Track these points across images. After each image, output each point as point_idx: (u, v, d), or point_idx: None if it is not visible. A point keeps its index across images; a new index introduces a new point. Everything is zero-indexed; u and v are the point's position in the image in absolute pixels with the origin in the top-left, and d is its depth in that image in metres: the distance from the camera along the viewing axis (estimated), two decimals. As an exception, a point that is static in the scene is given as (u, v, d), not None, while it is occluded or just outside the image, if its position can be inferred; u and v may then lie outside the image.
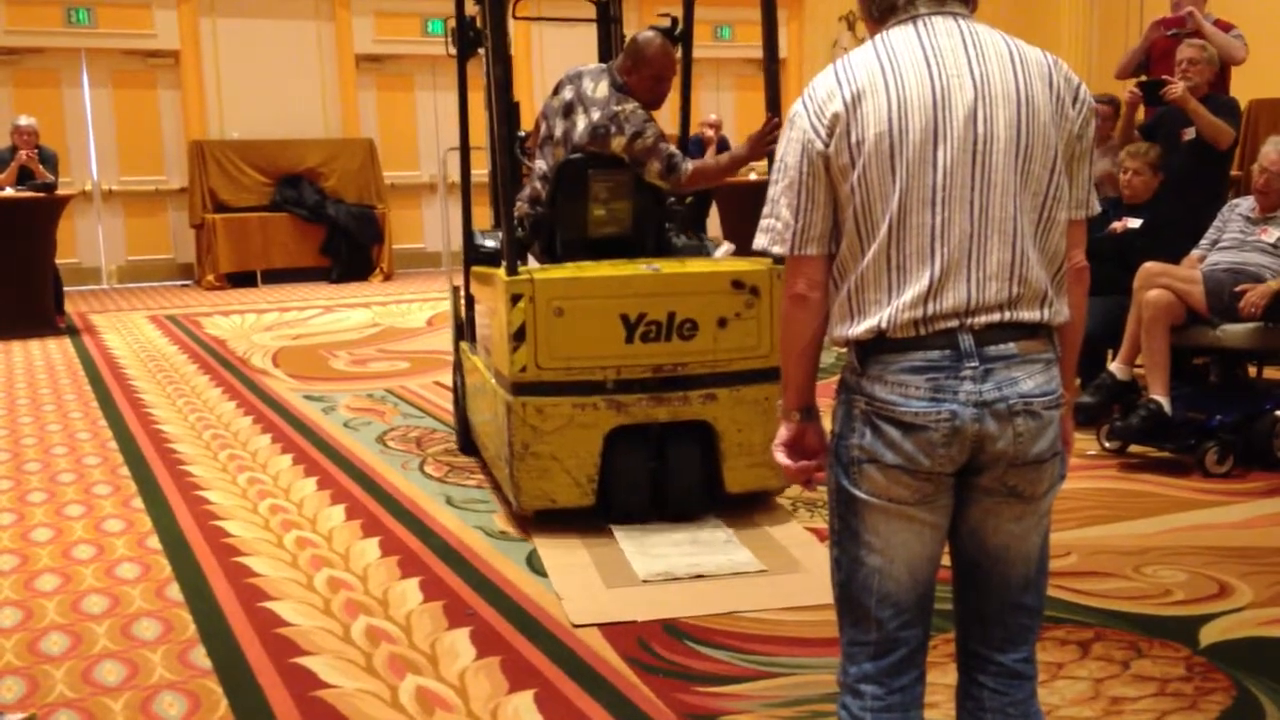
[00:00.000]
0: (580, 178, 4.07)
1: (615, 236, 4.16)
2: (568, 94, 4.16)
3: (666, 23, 4.42)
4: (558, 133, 4.15)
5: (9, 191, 8.57)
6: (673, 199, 4.35)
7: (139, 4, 11.82)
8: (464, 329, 4.96)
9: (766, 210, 1.80)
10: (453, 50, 4.67)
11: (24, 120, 8.99)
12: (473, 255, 4.66)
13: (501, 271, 3.81)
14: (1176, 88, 5.65)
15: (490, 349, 4.14)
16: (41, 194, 8.57)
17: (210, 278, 11.67)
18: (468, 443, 4.86)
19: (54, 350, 7.99)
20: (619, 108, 4.01)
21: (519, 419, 3.75)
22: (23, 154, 8.75)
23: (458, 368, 5.04)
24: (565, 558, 3.62)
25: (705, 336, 3.82)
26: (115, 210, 12.21)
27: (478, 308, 4.59)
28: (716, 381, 3.85)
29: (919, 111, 1.67)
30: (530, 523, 3.91)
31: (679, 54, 4.37)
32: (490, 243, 4.56)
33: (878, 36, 1.76)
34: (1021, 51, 1.73)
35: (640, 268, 3.88)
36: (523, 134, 4.74)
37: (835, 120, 1.70)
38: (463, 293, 4.91)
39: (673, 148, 4.06)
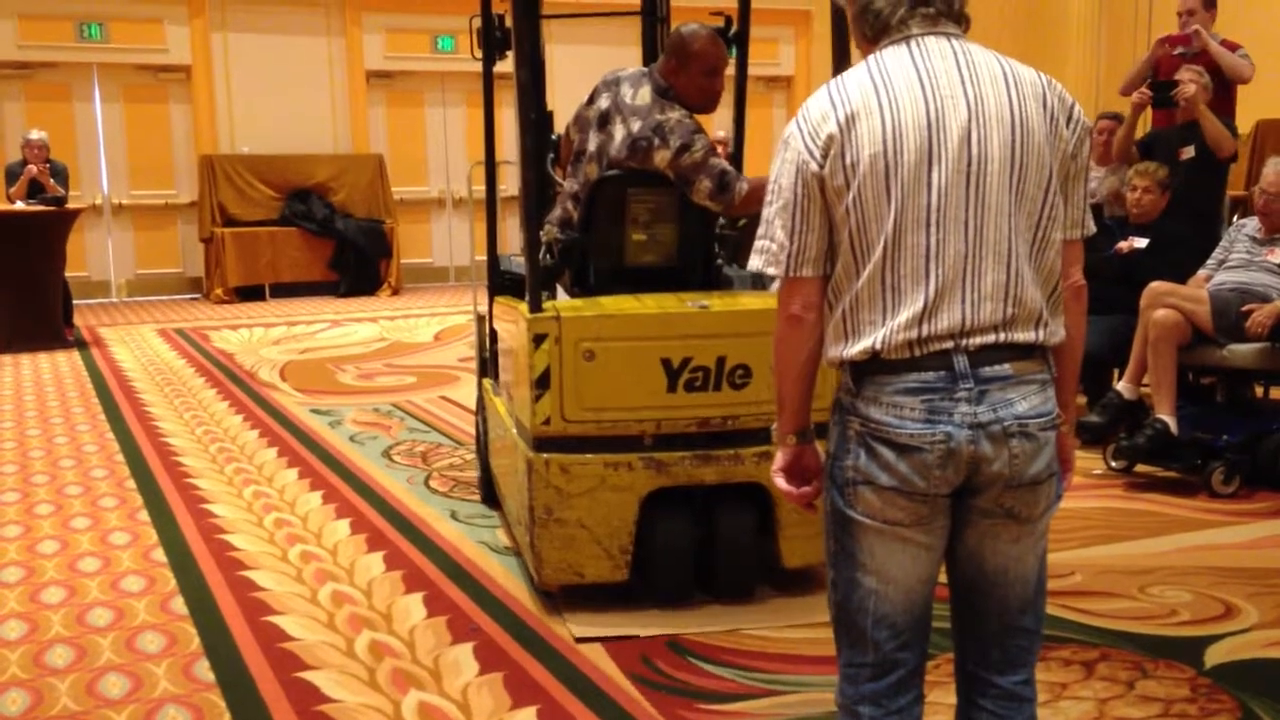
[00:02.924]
0: (617, 198, 3.57)
1: (657, 266, 3.65)
2: (604, 102, 3.66)
3: (720, 22, 3.89)
4: (591, 147, 3.65)
5: (19, 205, 8.62)
6: (724, 223, 3.79)
7: (151, 19, 11.90)
8: (488, 365, 4.46)
9: (761, 231, 1.80)
10: (478, 53, 4.20)
11: (35, 134, 9.06)
12: (499, 281, 4.19)
13: (524, 306, 3.34)
14: (1189, 87, 5.65)
15: (511, 394, 3.65)
16: (52, 207, 8.63)
17: (219, 291, 11.71)
18: (491, 494, 4.33)
19: (62, 363, 8.02)
20: (663, 116, 3.50)
21: (541, 479, 3.24)
22: (33, 168, 8.82)
23: (480, 408, 4.53)
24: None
25: (760, 385, 3.27)
26: (125, 224, 12.26)
27: (500, 344, 4.11)
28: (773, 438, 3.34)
29: (913, 132, 1.68)
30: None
31: (733, 60, 3.90)
32: (519, 268, 4.01)
33: (871, 57, 1.77)
34: (1015, 72, 1.74)
35: (685, 304, 3.36)
36: (555, 136, 4.18)
37: (830, 141, 1.71)
38: (487, 323, 4.45)
39: (725, 163, 3.54)
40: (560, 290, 3.60)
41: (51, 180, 8.85)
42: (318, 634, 3.22)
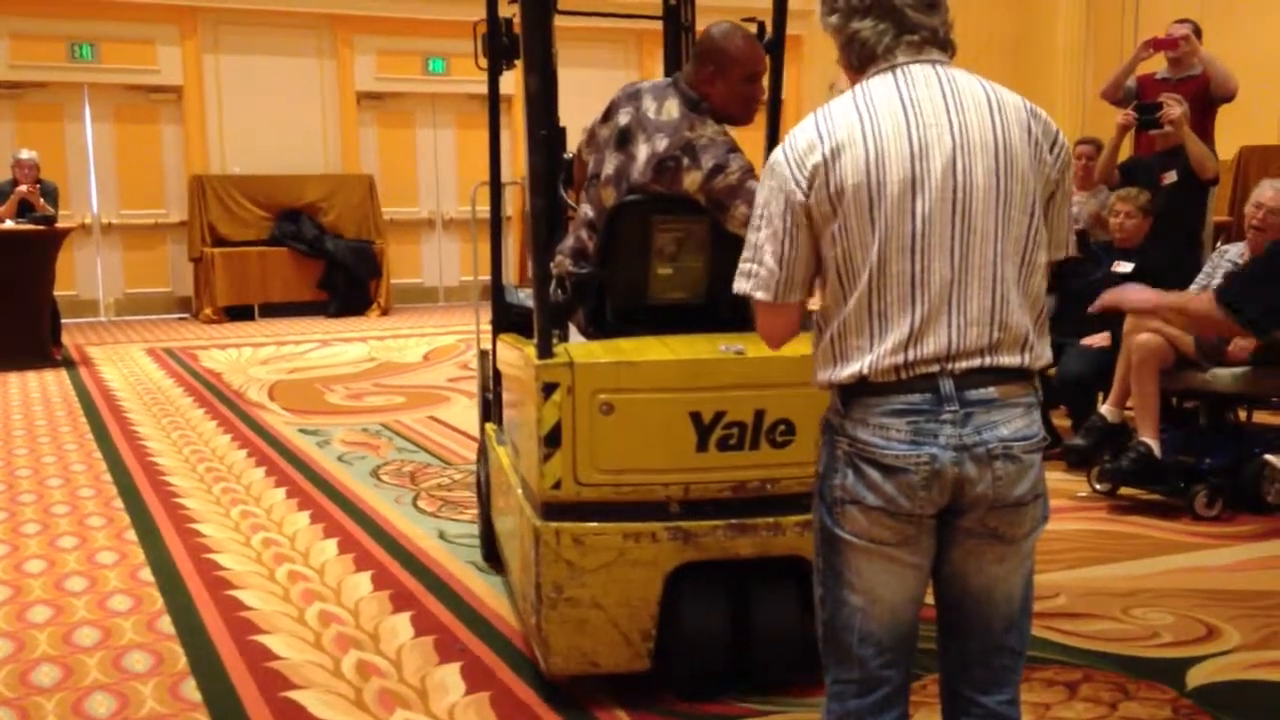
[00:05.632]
0: (639, 226, 3.12)
1: (685, 304, 3.19)
2: (623, 118, 3.20)
3: (752, 28, 3.44)
4: (609, 168, 3.19)
5: (8, 224, 8.61)
6: None
7: (142, 40, 11.92)
8: (491, 407, 4.03)
9: (748, 255, 1.84)
10: (483, 62, 3.77)
11: (25, 154, 9.05)
12: (505, 316, 3.78)
13: (531, 349, 2.91)
14: (1174, 109, 5.71)
15: (517, 448, 3.24)
16: (41, 227, 8.62)
17: (208, 311, 11.70)
18: (493, 553, 3.86)
19: (50, 382, 8.01)
20: (693, 133, 3.06)
21: (550, 551, 2.80)
22: (23, 187, 8.81)
23: (482, 455, 4.10)
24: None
25: (804, 443, 2.79)
26: (114, 243, 12.25)
27: (504, 390, 3.69)
28: None
29: (896, 163, 1.72)
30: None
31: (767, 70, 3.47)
32: (526, 301, 3.59)
33: (857, 86, 1.81)
34: (1000, 98, 1.78)
35: (718, 348, 2.89)
36: (568, 156, 3.77)
37: (815, 171, 1.75)
38: (491, 362, 3.99)
39: None
40: (573, 330, 3.23)
41: (41, 200, 8.85)
42: (305, 653, 3.22)
